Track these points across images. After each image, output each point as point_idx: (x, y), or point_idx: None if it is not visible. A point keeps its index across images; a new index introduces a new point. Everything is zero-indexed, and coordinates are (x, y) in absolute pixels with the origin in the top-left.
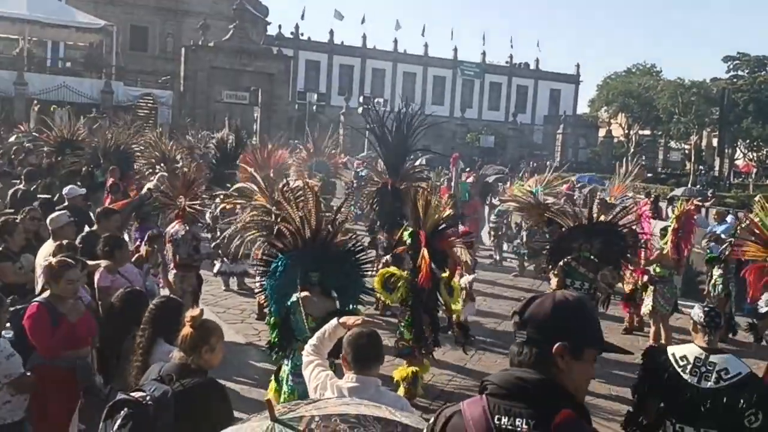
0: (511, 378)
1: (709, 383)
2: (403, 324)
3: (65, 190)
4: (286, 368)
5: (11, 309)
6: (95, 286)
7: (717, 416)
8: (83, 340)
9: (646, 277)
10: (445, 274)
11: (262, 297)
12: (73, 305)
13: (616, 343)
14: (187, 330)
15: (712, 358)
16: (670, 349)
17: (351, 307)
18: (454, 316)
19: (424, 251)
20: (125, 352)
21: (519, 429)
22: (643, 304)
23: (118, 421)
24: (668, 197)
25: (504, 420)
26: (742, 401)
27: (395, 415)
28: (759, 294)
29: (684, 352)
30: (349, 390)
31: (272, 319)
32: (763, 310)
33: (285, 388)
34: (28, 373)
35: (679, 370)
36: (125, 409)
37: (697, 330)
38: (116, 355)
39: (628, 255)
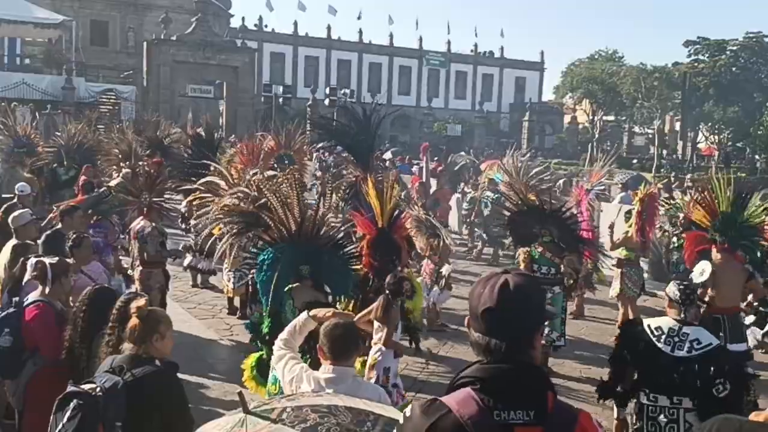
0: (498, 370)
1: (682, 352)
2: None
3: (17, 187)
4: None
5: (5, 312)
6: None
7: (689, 384)
8: None
9: (613, 260)
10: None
11: (230, 291)
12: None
13: (588, 327)
14: (134, 321)
15: (685, 329)
16: (646, 321)
17: (342, 300)
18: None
19: (366, 239)
20: (94, 350)
21: (522, 421)
22: (611, 288)
23: (68, 413)
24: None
25: (504, 415)
26: (712, 370)
27: (368, 406)
28: (691, 259)
29: (659, 323)
30: (326, 381)
31: (265, 310)
32: (697, 280)
33: (270, 379)
34: None
35: (654, 339)
36: (75, 400)
37: (672, 306)
38: (86, 353)
39: (584, 241)
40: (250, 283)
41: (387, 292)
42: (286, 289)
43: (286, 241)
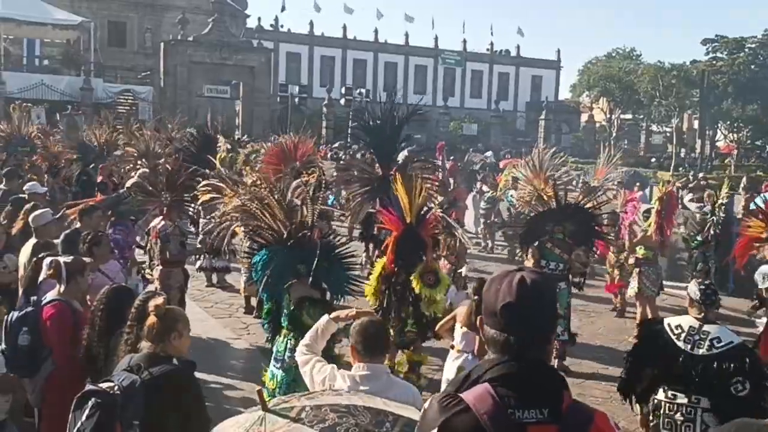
0: (514, 367)
1: (702, 350)
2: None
3: (26, 187)
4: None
5: (24, 311)
6: None
7: (707, 383)
8: None
9: (631, 259)
10: (421, 265)
11: (243, 290)
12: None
13: (606, 327)
14: (152, 319)
15: (706, 327)
16: (666, 320)
17: (341, 299)
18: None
19: (392, 236)
20: (112, 349)
21: (536, 419)
22: (629, 287)
23: (86, 411)
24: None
25: (518, 413)
26: (731, 367)
27: (388, 406)
28: (743, 263)
29: (679, 322)
30: (362, 378)
31: (265, 306)
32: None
33: (268, 374)
34: (11, 375)
35: (674, 337)
36: (93, 399)
37: (693, 305)
38: (104, 352)
39: (602, 234)
40: None
41: (476, 296)
42: (285, 285)
43: (280, 244)
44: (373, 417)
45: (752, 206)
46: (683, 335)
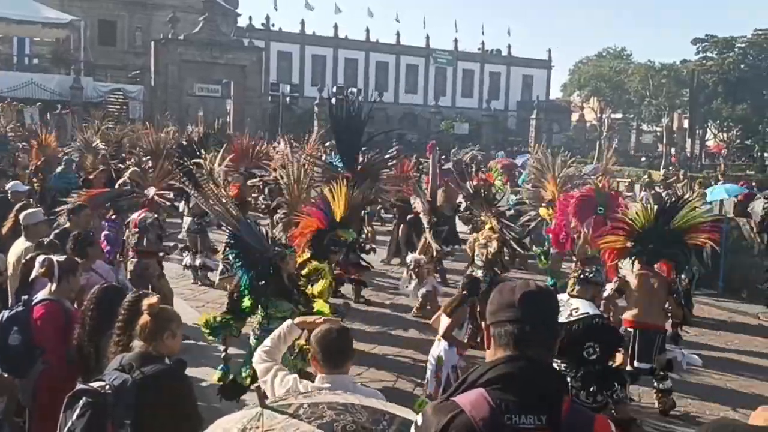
0: (514, 369)
1: (562, 318)
2: None
3: (8, 186)
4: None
5: (15, 311)
6: None
7: (564, 348)
8: None
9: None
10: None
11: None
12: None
13: None
14: (145, 318)
15: (571, 300)
16: None
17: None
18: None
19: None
20: (103, 348)
21: (534, 426)
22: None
23: (77, 411)
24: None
25: (515, 419)
26: (582, 331)
27: (385, 406)
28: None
29: None
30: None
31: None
32: (605, 293)
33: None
34: (5, 375)
35: None
36: (84, 398)
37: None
38: (95, 352)
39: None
40: None
41: (464, 291)
42: None
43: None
44: (370, 415)
45: (712, 196)
46: None
